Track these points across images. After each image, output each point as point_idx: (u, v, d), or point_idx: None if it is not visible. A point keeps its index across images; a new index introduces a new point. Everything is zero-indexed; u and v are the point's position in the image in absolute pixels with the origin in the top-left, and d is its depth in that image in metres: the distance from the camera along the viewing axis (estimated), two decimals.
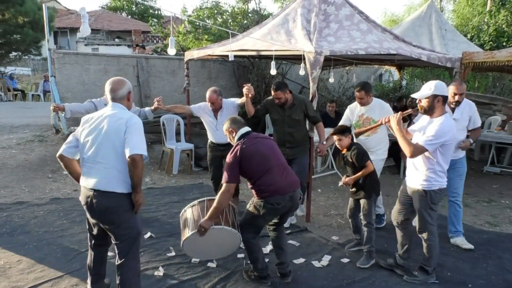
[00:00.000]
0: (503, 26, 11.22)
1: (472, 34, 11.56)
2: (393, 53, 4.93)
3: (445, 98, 2.99)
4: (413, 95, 3.16)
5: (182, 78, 7.74)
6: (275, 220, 3.18)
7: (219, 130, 4.45)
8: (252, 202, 3.06)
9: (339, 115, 7.50)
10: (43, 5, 8.37)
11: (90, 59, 8.11)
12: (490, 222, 4.67)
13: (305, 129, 4.49)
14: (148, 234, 4.04)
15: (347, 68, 9.55)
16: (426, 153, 3.01)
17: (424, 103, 3.00)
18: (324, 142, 4.26)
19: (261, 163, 2.94)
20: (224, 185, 2.92)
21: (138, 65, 8.50)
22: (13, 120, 9.51)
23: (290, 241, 3.94)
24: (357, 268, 3.47)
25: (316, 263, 3.55)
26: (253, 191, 3.04)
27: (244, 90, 4.27)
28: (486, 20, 11.88)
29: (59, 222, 4.32)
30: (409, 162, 3.21)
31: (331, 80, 7.35)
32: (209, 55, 6.53)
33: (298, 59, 5.67)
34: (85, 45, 23.80)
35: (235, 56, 5.25)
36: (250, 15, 10.05)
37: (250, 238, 3.10)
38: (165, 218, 4.56)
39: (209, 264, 3.47)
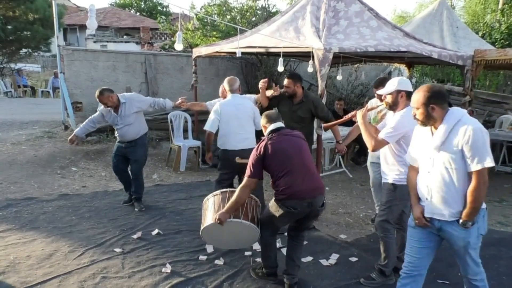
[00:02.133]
0: None
1: (484, 31, 11.40)
2: (404, 50, 4.87)
3: (408, 93, 3.01)
4: (378, 92, 3.23)
5: (190, 75, 7.74)
6: (295, 224, 3.07)
7: None
8: (271, 202, 2.99)
9: (347, 113, 7.45)
10: (53, 2, 8.40)
11: (98, 56, 8.14)
12: (502, 222, 4.60)
13: (311, 127, 4.44)
14: (156, 231, 4.04)
15: (355, 65, 9.48)
16: (392, 146, 3.03)
17: (389, 98, 3.05)
18: (341, 141, 4.22)
19: (283, 162, 2.83)
20: (245, 179, 2.91)
21: (146, 62, 8.51)
22: (22, 116, 9.58)
23: None
24: (365, 267, 3.44)
25: (324, 262, 3.53)
26: (273, 190, 2.97)
27: (260, 84, 4.31)
28: (498, 18, 11.71)
29: (68, 218, 4.34)
30: (382, 157, 3.21)
31: (339, 77, 7.29)
32: (217, 52, 6.51)
33: (306, 56, 5.62)
34: (94, 42, 23.97)
35: (243, 53, 5.23)
36: (259, 12, 10.01)
37: (268, 236, 3.07)
38: (172, 215, 4.56)
39: (217, 262, 3.46)
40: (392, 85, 3.03)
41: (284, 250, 3.51)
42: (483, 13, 14.33)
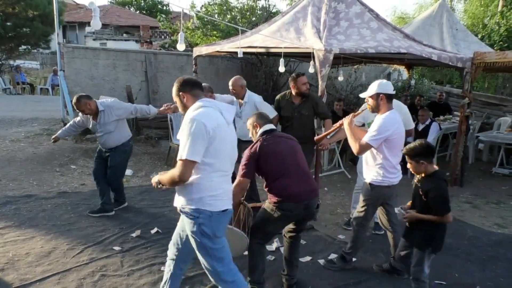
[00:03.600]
0: None
1: (483, 34, 11.45)
2: (404, 52, 4.89)
3: (388, 96, 3.09)
4: (361, 95, 3.31)
5: (190, 74, 7.73)
6: (291, 226, 3.00)
7: None
8: (265, 205, 2.90)
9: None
10: None
11: (99, 54, 8.14)
12: (499, 224, 4.62)
13: (313, 126, 4.49)
14: (155, 230, 4.05)
15: (355, 66, 9.50)
16: (373, 149, 3.10)
17: (370, 101, 3.14)
18: (328, 137, 4.22)
19: (278, 165, 2.77)
20: (237, 178, 2.81)
21: (147, 61, 8.51)
22: (21, 114, 9.57)
23: None
24: (363, 266, 3.45)
25: (322, 262, 3.54)
26: (268, 194, 2.87)
27: None
28: (497, 20, 11.76)
29: (67, 216, 4.34)
30: (363, 159, 3.30)
31: (340, 78, 7.31)
32: (217, 51, 6.52)
33: (307, 57, 5.64)
34: (94, 39, 23.92)
35: (243, 53, 5.24)
36: (259, 12, 10.02)
37: (256, 244, 2.90)
38: (171, 214, 4.56)
39: None
40: (372, 88, 3.10)
41: (282, 249, 3.53)
42: (483, 16, 14.37)
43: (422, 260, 2.71)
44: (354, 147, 3.09)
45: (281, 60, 5.00)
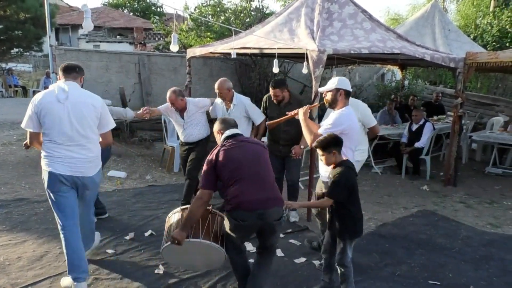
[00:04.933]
0: (507, 26, 11.21)
1: (476, 34, 11.54)
2: (397, 52, 4.91)
3: (347, 92, 3.17)
4: (319, 89, 3.39)
5: (184, 75, 7.72)
6: (258, 241, 2.86)
7: (187, 129, 4.57)
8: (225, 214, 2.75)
9: None
10: (45, 1, 8.34)
11: (91, 56, 8.10)
12: (492, 224, 4.65)
13: (300, 128, 4.45)
14: (149, 232, 4.02)
15: (349, 67, 9.52)
16: None
17: (328, 96, 3.21)
18: (302, 146, 4.19)
19: (234, 170, 2.59)
20: (199, 191, 2.67)
21: (140, 62, 8.48)
22: (14, 117, 9.48)
23: (291, 240, 3.93)
24: (358, 267, 3.44)
25: (317, 263, 3.53)
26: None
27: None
28: (489, 20, 11.86)
29: None
30: (319, 155, 3.23)
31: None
32: (211, 52, 6.51)
33: (301, 57, 5.64)
34: (87, 42, 23.83)
35: (237, 54, 5.24)
36: (252, 13, 10.02)
37: (232, 255, 2.76)
38: (165, 216, 4.46)
39: None
40: (332, 83, 3.17)
41: (278, 252, 3.52)
42: (475, 16, 14.47)
43: (344, 248, 2.81)
44: (309, 138, 3.17)
45: (275, 61, 5.00)
